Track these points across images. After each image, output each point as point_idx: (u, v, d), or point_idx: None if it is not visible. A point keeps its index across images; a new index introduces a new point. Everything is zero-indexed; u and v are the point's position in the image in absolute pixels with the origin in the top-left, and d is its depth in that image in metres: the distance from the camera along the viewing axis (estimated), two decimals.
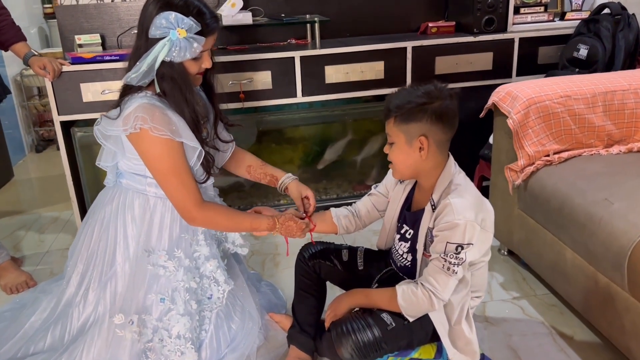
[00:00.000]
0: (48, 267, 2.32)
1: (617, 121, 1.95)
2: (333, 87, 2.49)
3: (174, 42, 1.36)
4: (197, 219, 1.47)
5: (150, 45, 1.38)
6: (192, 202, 1.44)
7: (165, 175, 1.42)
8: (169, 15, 1.35)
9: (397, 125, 1.38)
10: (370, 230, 2.53)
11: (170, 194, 1.44)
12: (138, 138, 1.38)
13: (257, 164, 1.73)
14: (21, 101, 3.98)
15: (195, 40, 1.38)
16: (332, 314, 1.51)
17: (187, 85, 1.43)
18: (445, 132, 1.38)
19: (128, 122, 1.37)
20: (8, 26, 2.16)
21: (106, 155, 1.55)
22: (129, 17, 2.59)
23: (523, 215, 2.00)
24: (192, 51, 1.38)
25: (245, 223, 1.52)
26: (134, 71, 1.39)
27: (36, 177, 3.64)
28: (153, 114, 1.37)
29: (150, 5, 1.39)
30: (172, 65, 1.40)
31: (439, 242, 1.37)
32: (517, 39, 2.60)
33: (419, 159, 1.39)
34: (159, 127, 1.36)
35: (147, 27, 1.38)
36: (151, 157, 1.41)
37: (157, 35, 1.37)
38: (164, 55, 1.37)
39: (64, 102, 2.30)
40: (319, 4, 2.75)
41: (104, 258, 1.52)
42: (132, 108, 1.38)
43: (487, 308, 1.93)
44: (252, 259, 2.33)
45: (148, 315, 1.50)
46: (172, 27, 1.35)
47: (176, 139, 1.39)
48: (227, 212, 1.51)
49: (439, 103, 1.35)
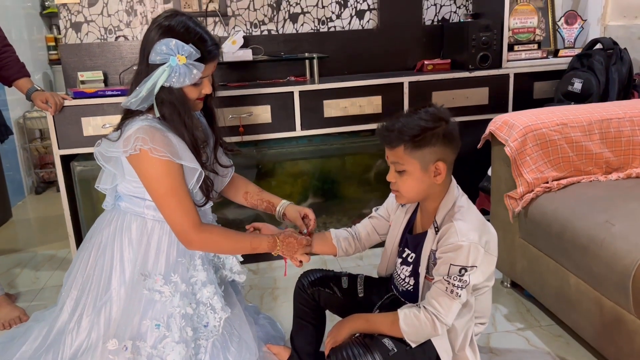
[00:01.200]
0: (42, 303, 2.28)
1: (614, 149, 1.96)
2: (332, 121, 2.52)
3: (173, 68, 1.38)
4: (195, 241, 1.45)
5: (150, 71, 1.40)
6: (190, 224, 1.42)
7: (164, 196, 1.41)
8: (169, 42, 1.37)
9: (410, 152, 1.33)
10: (370, 265, 2.51)
11: (168, 215, 1.43)
12: (138, 159, 1.39)
13: (254, 190, 1.73)
14: (23, 143, 4.01)
15: (195, 67, 1.40)
16: (332, 341, 1.46)
17: (186, 110, 1.44)
18: (454, 153, 1.38)
19: (128, 143, 1.37)
20: (12, 62, 2.20)
21: (105, 178, 1.55)
22: (131, 55, 2.65)
23: (525, 244, 1.98)
24: (191, 77, 1.40)
25: (245, 243, 1.50)
26: (134, 96, 1.40)
27: (34, 217, 3.63)
28: (153, 136, 1.37)
29: (152, 31, 1.41)
30: (171, 91, 1.41)
31: (442, 264, 1.34)
32: (512, 74, 2.66)
33: (432, 184, 1.37)
34: (158, 148, 1.36)
35: (148, 53, 1.40)
36: (150, 178, 1.40)
37: (157, 61, 1.39)
38: (163, 81, 1.39)
39: (65, 136, 2.31)
40: (317, 44, 2.82)
41: (99, 283, 1.49)
42: (133, 130, 1.39)
43: (491, 339, 1.88)
44: (251, 292, 2.29)
45: (142, 341, 1.45)
46: (172, 54, 1.37)
47: (176, 161, 1.39)
48: (226, 233, 1.49)
49: (446, 125, 1.34)
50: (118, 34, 2.68)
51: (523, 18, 2.79)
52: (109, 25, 2.67)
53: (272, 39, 2.79)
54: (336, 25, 2.87)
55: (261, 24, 2.79)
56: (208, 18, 2.72)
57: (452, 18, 2.98)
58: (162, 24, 1.40)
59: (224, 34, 2.74)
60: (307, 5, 2.81)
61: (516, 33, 2.79)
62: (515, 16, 2.78)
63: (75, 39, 2.65)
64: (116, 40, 2.68)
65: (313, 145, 2.65)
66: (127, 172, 1.46)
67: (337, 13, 2.86)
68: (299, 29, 2.83)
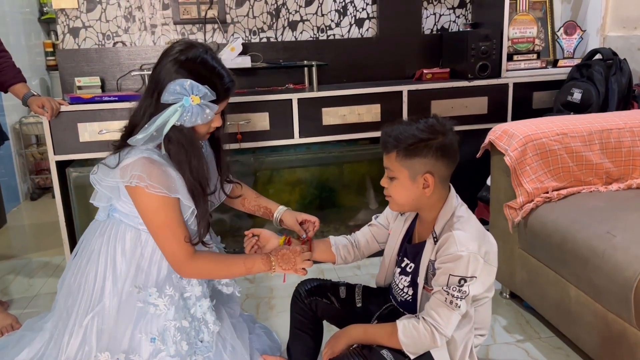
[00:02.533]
0: (35, 311, 2.24)
1: (615, 159, 1.95)
2: (330, 129, 2.51)
3: (186, 108, 1.34)
4: (187, 271, 1.43)
5: (160, 108, 1.35)
6: (183, 255, 1.40)
7: (158, 228, 1.39)
8: (184, 82, 1.32)
9: (400, 160, 1.34)
10: (368, 274, 2.49)
11: (162, 246, 1.41)
12: (135, 192, 1.36)
13: (251, 196, 1.72)
14: (19, 149, 3.99)
15: (208, 107, 1.36)
16: (329, 351, 1.44)
17: (194, 151, 1.40)
18: (448, 168, 1.36)
19: (125, 174, 1.34)
20: (8, 68, 2.18)
21: (100, 196, 1.50)
22: (129, 61, 2.64)
23: (524, 255, 1.96)
24: (204, 117, 1.36)
25: (238, 267, 1.47)
26: (142, 132, 1.35)
27: (29, 223, 3.59)
28: (150, 173, 1.33)
29: (169, 63, 1.35)
30: (181, 130, 1.37)
31: (441, 275, 1.32)
32: (511, 84, 2.65)
33: (421, 195, 1.36)
34: (155, 185, 1.33)
35: (160, 87, 1.34)
36: (146, 210, 1.38)
37: (169, 101, 1.34)
38: (174, 121, 1.34)
39: (61, 142, 2.29)
40: (316, 52, 2.82)
41: (92, 292, 1.46)
42: (131, 161, 1.35)
43: (490, 351, 1.86)
44: (247, 302, 2.26)
45: (137, 355, 1.43)
46: (185, 94, 1.33)
47: (172, 196, 1.36)
48: (218, 260, 1.47)
49: (442, 138, 1.32)
50: (116, 40, 2.67)
51: (522, 28, 2.79)
52: (107, 31, 2.66)
53: (271, 47, 2.78)
54: (335, 34, 2.87)
55: (260, 32, 2.79)
56: (207, 25, 2.71)
57: (451, 27, 2.98)
58: (177, 58, 1.35)
59: (223, 41, 2.73)
60: (307, 13, 2.81)
61: (515, 43, 2.79)
62: (515, 26, 2.78)
63: (72, 44, 2.63)
64: (114, 46, 2.66)
65: (311, 153, 2.63)
66: (122, 194, 1.43)
67: (336, 21, 2.86)
68: (298, 37, 2.83)
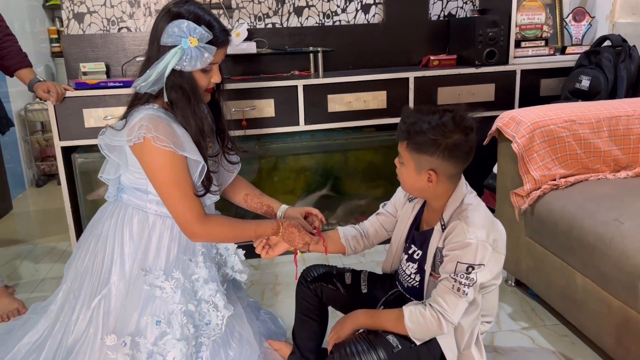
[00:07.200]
0: (41, 295, 2.26)
1: (623, 146, 1.93)
2: (336, 116, 2.49)
3: (185, 51, 1.35)
4: (199, 233, 1.42)
5: (161, 54, 1.37)
6: (193, 216, 1.40)
7: (167, 187, 1.38)
8: (181, 23, 1.34)
9: (409, 151, 1.33)
10: (373, 262, 2.49)
11: (172, 207, 1.40)
12: (141, 149, 1.36)
13: (254, 193, 1.69)
14: (24, 135, 3.99)
15: (207, 50, 1.37)
16: (335, 336, 1.44)
17: (195, 97, 1.42)
18: (456, 167, 1.34)
19: (132, 132, 1.35)
20: (14, 52, 2.17)
21: (109, 168, 1.52)
22: (134, 47, 2.63)
23: (530, 242, 1.95)
24: (202, 61, 1.37)
25: (249, 231, 1.48)
26: (144, 79, 1.37)
27: (35, 210, 3.61)
28: (157, 125, 1.35)
29: (161, 21, 1.39)
30: (182, 75, 1.39)
31: (449, 262, 1.32)
32: (519, 71, 2.62)
33: (426, 187, 1.35)
34: (162, 137, 1.34)
35: (159, 37, 1.37)
36: (153, 169, 1.37)
37: (168, 43, 1.36)
38: (174, 63, 1.36)
39: (66, 128, 2.29)
40: (321, 38, 2.80)
41: (99, 275, 1.47)
42: (137, 118, 1.36)
43: (495, 338, 1.86)
44: (252, 288, 2.27)
45: (142, 338, 1.43)
46: (184, 36, 1.34)
47: (179, 152, 1.36)
48: (230, 222, 1.47)
49: (453, 139, 1.29)
50: (121, 25, 2.66)
51: (531, 14, 2.76)
52: (112, 17, 2.64)
53: (276, 32, 2.76)
54: (341, 19, 2.85)
55: (265, 17, 2.76)
56: (212, 10, 2.69)
57: (458, 13, 2.95)
58: (171, 9, 1.38)
59: (228, 27, 2.69)
60: None
61: (523, 29, 2.75)
62: (523, 12, 2.74)
63: (77, 29, 2.62)
64: (119, 32, 2.65)
65: (316, 140, 2.62)
66: (130, 162, 1.43)
67: (342, 7, 2.83)
68: (304, 23, 2.80)
